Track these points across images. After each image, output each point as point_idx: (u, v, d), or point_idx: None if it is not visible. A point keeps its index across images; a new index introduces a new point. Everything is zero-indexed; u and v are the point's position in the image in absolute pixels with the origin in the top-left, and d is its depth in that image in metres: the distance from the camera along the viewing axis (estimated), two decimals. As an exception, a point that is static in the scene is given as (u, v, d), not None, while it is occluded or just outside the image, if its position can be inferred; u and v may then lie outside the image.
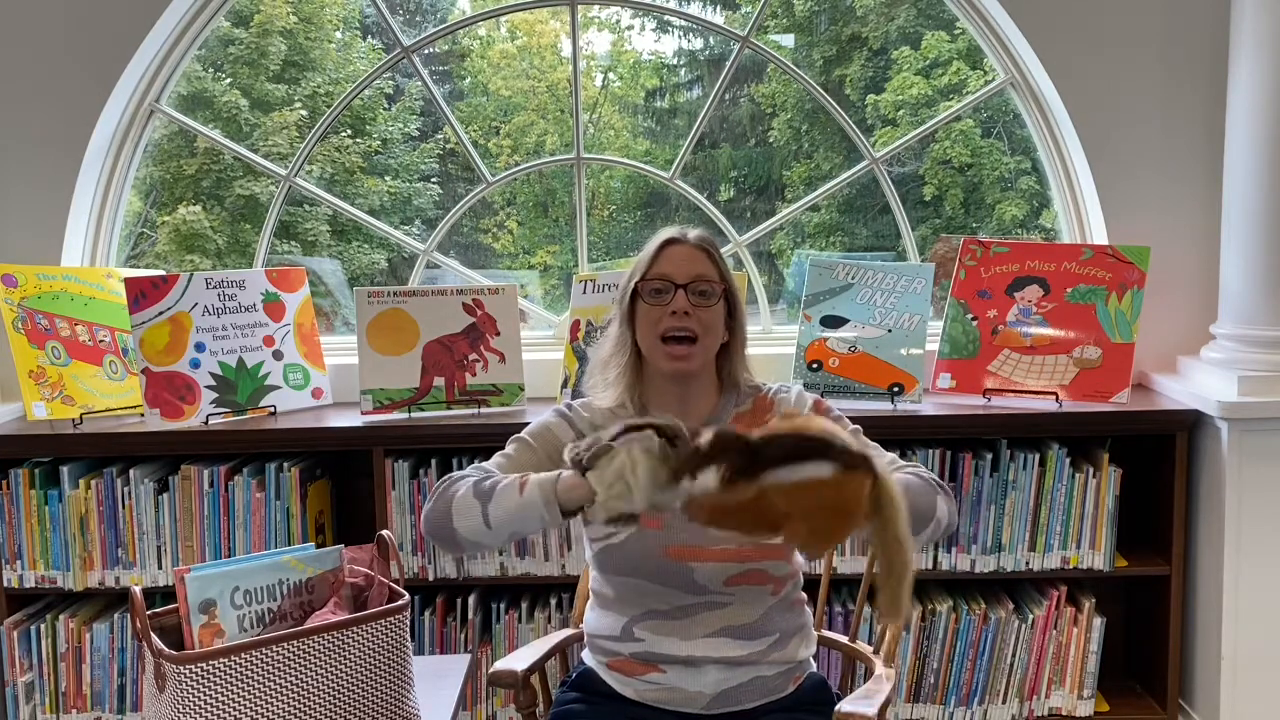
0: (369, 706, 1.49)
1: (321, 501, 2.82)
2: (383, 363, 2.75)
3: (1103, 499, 2.67)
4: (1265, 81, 2.60)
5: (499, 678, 1.81)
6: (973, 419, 2.68)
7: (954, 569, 2.70)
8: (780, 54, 3.63)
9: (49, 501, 2.69)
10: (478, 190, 3.26)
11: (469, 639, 2.75)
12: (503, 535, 1.59)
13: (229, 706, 1.38)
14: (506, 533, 1.58)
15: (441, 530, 1.62)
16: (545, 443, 1.75)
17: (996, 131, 6.62)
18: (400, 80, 6.71)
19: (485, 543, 1.61)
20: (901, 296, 2.82)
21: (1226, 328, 2.74)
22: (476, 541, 1.61)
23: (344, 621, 1.46)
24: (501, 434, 2.69)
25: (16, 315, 2.76)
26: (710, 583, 1.68)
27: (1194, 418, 2.64)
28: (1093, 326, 2.79)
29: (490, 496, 1.57)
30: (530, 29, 7.47)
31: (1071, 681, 2.73)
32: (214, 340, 2.79)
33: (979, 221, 6.64)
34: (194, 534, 2.69)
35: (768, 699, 1.73)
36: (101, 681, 2.74)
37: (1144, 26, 2.90)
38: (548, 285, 6.75)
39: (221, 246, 6.61)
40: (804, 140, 7.31)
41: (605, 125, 7.57)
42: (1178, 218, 2.93)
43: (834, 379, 2.79)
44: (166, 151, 6.36)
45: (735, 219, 3.35)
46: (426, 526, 1.65)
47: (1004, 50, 3.05)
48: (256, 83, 6.92)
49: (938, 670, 2.73)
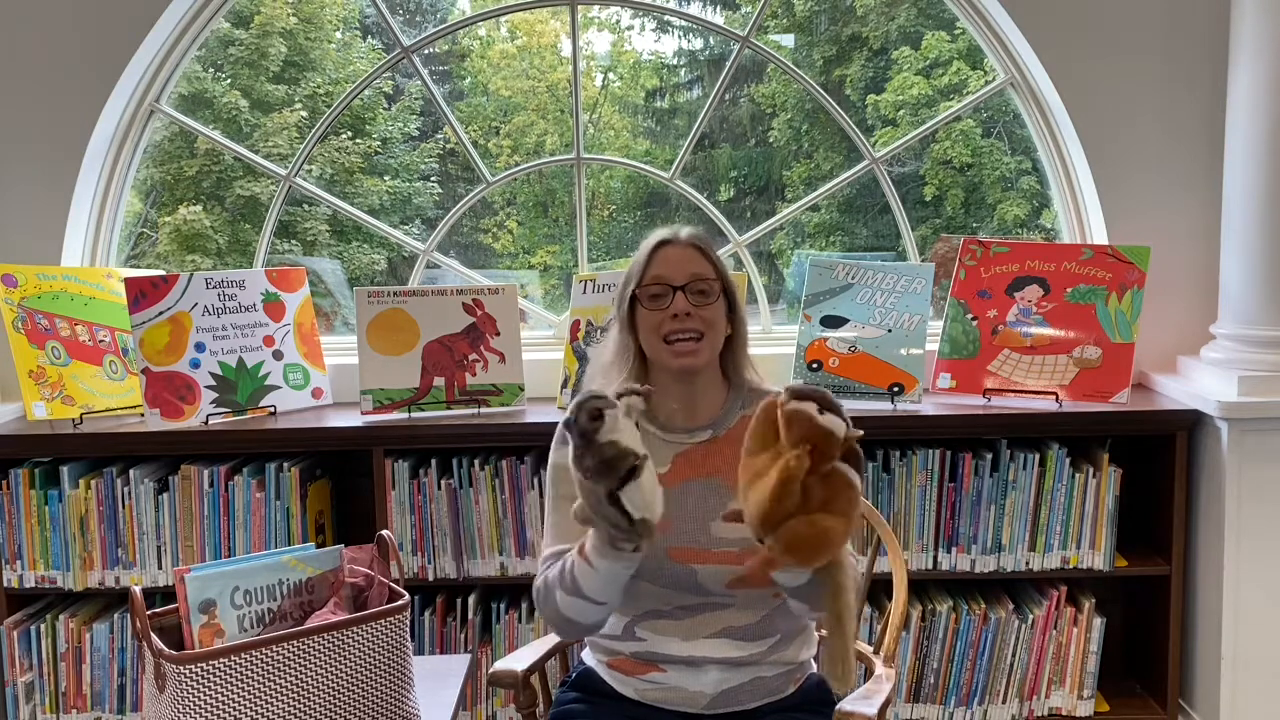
0: (369, 706, 1.49)
1: (321, 501, 2.82)
2: (383, 363, 2.75)
3: (1103, 499, 2.67)
4: (1265, 81, 2.60)
5: (499, 678, 1.81)
6: (973, 419, 2.68)
7: (954, 569, 2.70)
8: (780, 54, 3.63)
9: (49, 501, 2.69)
10: (478, 190, 3.26)
11: (469, 639, 2.75)
12: (615, 597, 1.62)
13: (229, 706, 1.38)
14: (617, 595, 1.61)
15: (576, 633, 1.71)
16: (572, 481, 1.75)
17: (997, 131, 6.63)
18: (400, 80, 6.72)
19: (611, 610, 1.65)
20: (901, 296, 2.82)
21: (1226, 328, 2.74)
22: (602, 620, 1.67)
23: (344, 621, 1.46)
24: (501, 434, 2.73)
25: (16, 315, 2.76)
26: (712, 585, 1.68)
27: (1194, 418, 2.64)
28: (1093, 326, 2.79)
29: (578, 587, 1.59)
30: (530, 29, 7.47)
31: (1071, 681, 2.73)
32: (214, 340, 2.79)
33: (979, 221, 6.64)
34: (194, 534, 2.69)
35: (768, 699, 1.73)
36: (101, 681, 2.74)
37: (1144, 27, 2.90)
38: (548, 285, 6.76)
39: (222, 246, 6.61)
40: (804, 140, 7.32)
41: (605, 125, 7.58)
42: (1178, 218, 2.93)
43: (834, 379, 2.79)
44: (167, 152, 6.37)
45: (735, 219, 3.35)
46: (564, 638, 1.77)
47: (1004, 50, 3.05)
48: (256, 83, 6.93)
49: (938, 670, 2.73)
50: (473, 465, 2.69)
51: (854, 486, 1.39)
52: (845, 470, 1.38)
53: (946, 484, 2.67)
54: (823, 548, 1.39)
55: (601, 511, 1.44)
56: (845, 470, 1.38)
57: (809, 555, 1.39)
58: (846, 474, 1.38)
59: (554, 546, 1.70)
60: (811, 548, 1.38)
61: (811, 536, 1.36)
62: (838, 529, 1.38)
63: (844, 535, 1.40)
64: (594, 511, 1.46)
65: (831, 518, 1.37)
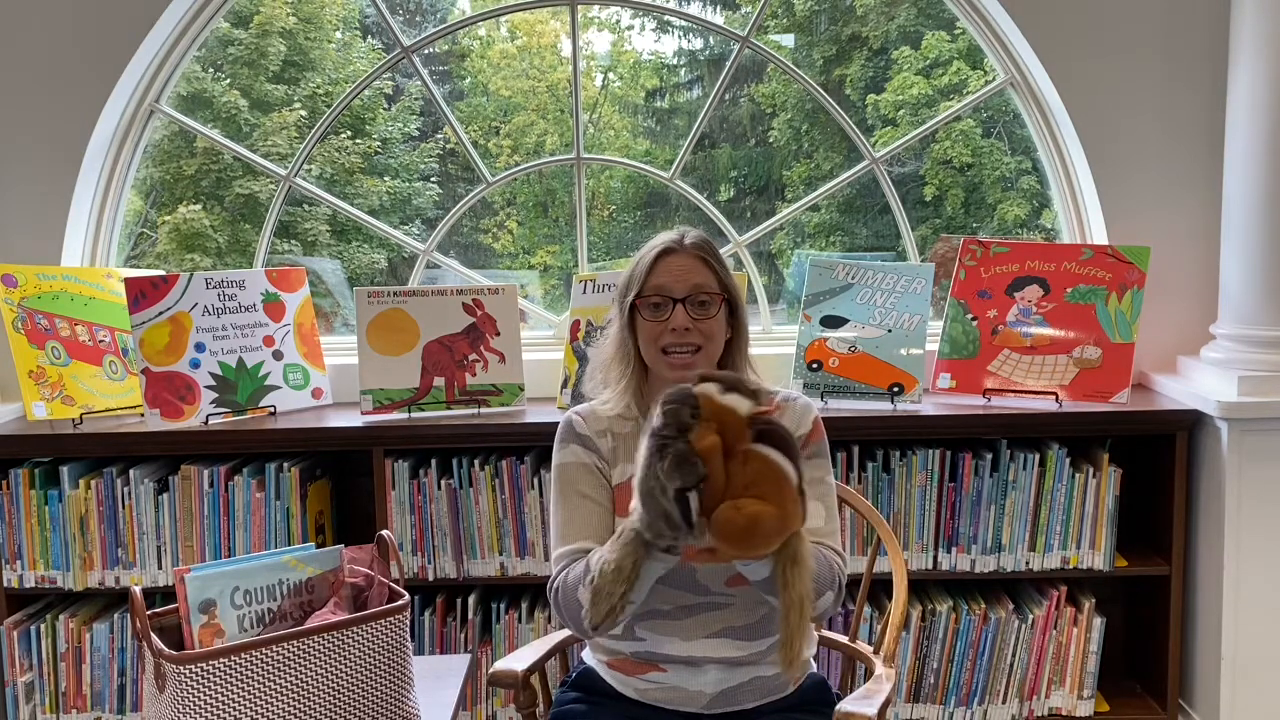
0: (369, 706, 1.49)
1: (321, 501, 2.82)
2: (383, 363, 2.75)
3: (1103, 499, 2.67)
4: (1265, 81, 2.60)
5: (499, 678, 1.81)
6: (973, 419, 2.68)
7: (954, 569, 2.70)
8: (780, 54, 3.63)
9: (49, 501, 2.69)
10: (478, 190, 3.26)
11: (469, 639, 2.75)
12: (642, 596, 1.58)
13: (229, 706, 1.38)
14: (643, 595, 1.58)
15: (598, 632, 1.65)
16: (582, 474, 1.73)
17: (997, 131, 6.63)
18: (400, 80, 6.71)
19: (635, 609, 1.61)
20: (901, 296, 2.82)
21: (1226, 328, 2.74)
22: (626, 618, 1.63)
23: (344, 621, 1.46)
24: (501, 434, 2.73)
25: (16, 315, 2.76)
26: (711, 583, 1.68)
27: (1194, 418, 2.64)
28: (1093, 326, 2.79)
29: None
30: (530, 29, 7.47)
31: (1071, 681, 2.73)
32: (214, 340, 2.79)
33: (979, 221, 6.64)
34: (194, 534, 2.69)
35: (768, 699, 1.73)
36: (101, 681, 2.74)
37: (1144, 27, 2.90)
38: (548, 285, 6.75)
39: (222, 245, 6.61)
40: (804, 140, 7.31)
41: (605, 125, 7.57)
42: (1178, 218, 2.93)
43: (834, 379, 2.79)
44: (166, 152, 6.36)
45: (735, 219, 3.35)
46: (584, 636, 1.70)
47: (1004, 50, 3.05)
48: (256, 83, 6.92)
49: (938, 670, 2.73)
50: (473, 465, 2.69)
51: (777, 469, 1.35)
52: (764, 452, 1.35)
53: (946, 484, 2.67)
54: (754, 534, 1.35)
55: (661, 506, 1.38)
56: (764, 452, 1.35)
57: (742, 542, 1.36)
58: (766, 456, 1.34)
59: (568, 545, 1.69)
60: (743, 534, 1.34)
61: (740, 522, 1.33)
62: (766, 515, 1.34)
63: (777, 522, 1.35)
64: (649, 504, 1.40)
65: (758, 503, 1.33)
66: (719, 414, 1.35)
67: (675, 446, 1.35)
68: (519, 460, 2.69)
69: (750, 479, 1.34)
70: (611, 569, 1.49)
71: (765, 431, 1.37)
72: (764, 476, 1.35)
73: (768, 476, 1.35)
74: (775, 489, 1.35)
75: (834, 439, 1.91)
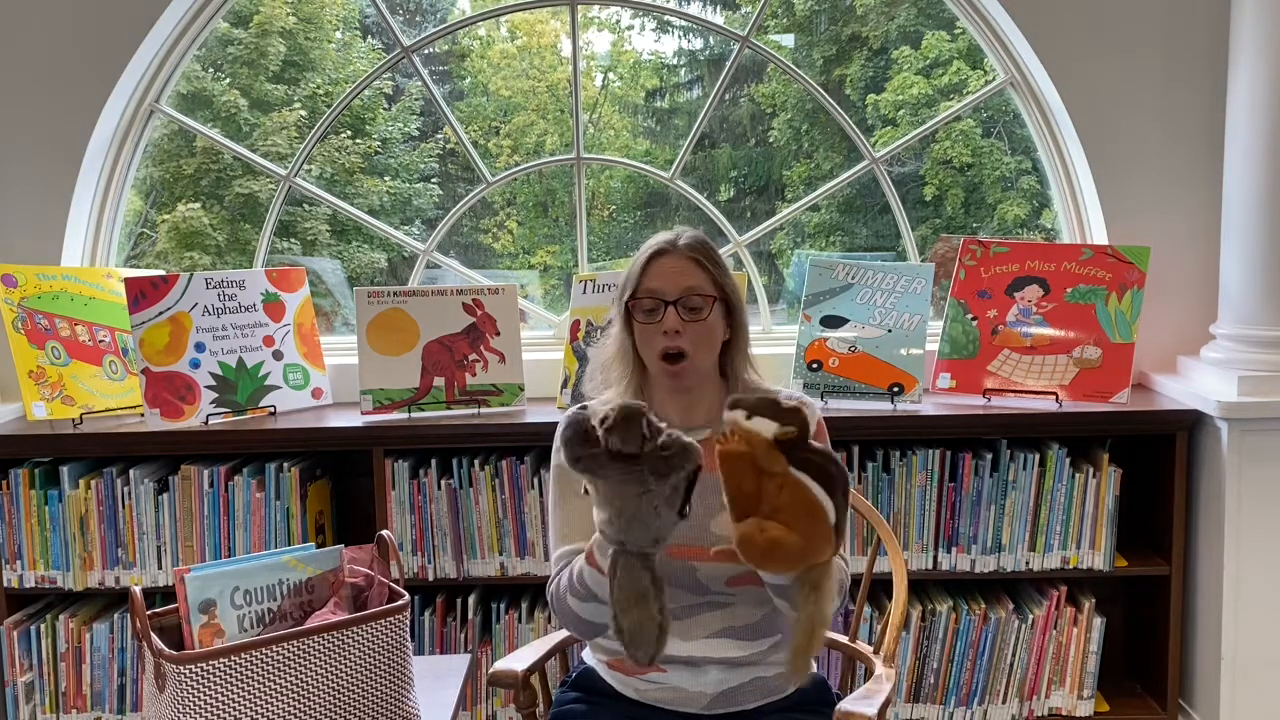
0: (369, 706, 1.49)
1: (321, 501, 2.82)
2: (383, 363, 2.75)
3: (1103, 499, 2.67)
4: (1265, 81, 2.60)
5: (499, 678, 1.81)
6: (973, 419, 2.68)
7: (954, 569, 2.70)
8: (780, 54, 3.63)
9: (49, 501, 2.69)
10: (478, 190, 3.26)
11: (469, 639, 2.75)
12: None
13: (229, 706, 1.38)
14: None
15: (595, 633, 1.69)
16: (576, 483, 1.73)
17: (997, 131, 6.62)
18: (400, 80, 6.71)
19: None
20: (901, 296, 2.82)
21: (1226, 328, 2.74)
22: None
23: (344, 621, 1.46)
24: (501, 434, 2.73)
25: (16, 315, 2.76)
26: (712, 583, 1.68)
27: (1194, 418, 2.64)
28: (1093, 326, 2.79)
29: (592, 593, 1.57)
30: (530, 29, 7.47)
31: (1071, 681, 2.73)
32: (214, 340, 2.79)
33: (979, 221, 6.64)
34: (194, 534, 2.69)
35: (768, 699, 1.73)
36: (101, 681, 2.74)
37: (1144, 27, 2.90)
38: (548, 285, 6.75)
39: (221, 244, 6.61)
40: (804, 140, 7.31)
41: (605, 125, 7.57)
42: (1178, 218, 2.93)
43: (834, 379, 2.79)
44: (166, 151, 6.36)
45: (735, 219, 3.35)
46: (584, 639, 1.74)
47: (1004, 50, 3.05)
48: (256, 83, 6.92)
49: (938, 670, 2.73)
50: (473, 465, 2.69)
51: (810, 502, 1.35)
52: (802, 481, 1.35)
53: (946, 484, 2.67)
54: (773, 557, 1.37)
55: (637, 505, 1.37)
56: (802, 481, 1.35)
57: (759, 560, 1.39)
58: (803, 485, 1.35)
59: (566, 545, 1.70)
60: (761, 554, 1.37)
61: (759, 543, 1.36)
62: (787, 543, 1.35)
63: (798, 551, 1.36)
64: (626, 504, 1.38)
65: (780, 529, 1.35)
66: (747, 439, 1.37)
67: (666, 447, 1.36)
68: (519, 460, 2.69)
69: (782, 504, 1.36)
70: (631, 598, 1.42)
71: (810, 462, 1.37)
72: (795, 504, 1.36)
73: (799, 506, 1.36)
74: (804, 519, 1.36)
75: (834, 439, 1.90)
